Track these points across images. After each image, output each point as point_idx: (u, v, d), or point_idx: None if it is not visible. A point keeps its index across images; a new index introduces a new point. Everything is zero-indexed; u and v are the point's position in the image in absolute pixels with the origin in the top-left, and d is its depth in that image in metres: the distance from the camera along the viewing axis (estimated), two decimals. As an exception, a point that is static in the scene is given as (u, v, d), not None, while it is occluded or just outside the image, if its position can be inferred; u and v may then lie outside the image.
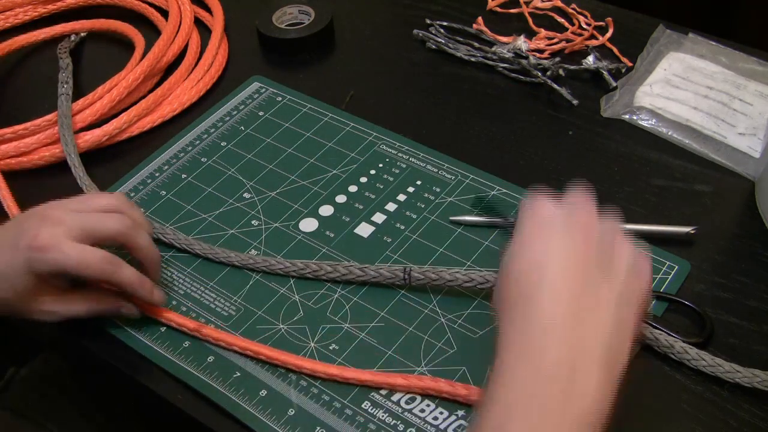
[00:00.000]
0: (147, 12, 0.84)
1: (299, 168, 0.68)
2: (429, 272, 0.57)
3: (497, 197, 0.62)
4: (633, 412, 0.51)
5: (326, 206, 0.65)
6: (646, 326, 0.53)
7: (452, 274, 0.56)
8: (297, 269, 0.59)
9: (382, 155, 0.68)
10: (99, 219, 0.56)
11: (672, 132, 0.68)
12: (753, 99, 0.70)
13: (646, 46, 0.76)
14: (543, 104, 0.73)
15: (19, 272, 0.53)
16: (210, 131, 0.72)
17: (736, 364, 0.51)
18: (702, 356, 0.51)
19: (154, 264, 0.58)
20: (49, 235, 0.53)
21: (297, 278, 0.59)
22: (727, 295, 0.57)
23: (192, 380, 0.54)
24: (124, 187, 0.68)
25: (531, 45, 0.77)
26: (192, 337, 0.56)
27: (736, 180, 0.65)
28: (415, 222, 0.63)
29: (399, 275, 0.57)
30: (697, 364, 0.52)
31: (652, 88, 0.71)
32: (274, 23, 0.81)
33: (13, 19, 0.85)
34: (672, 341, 0.52)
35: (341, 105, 0.74)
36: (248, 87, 0.76)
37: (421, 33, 0.80)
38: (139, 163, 0.70)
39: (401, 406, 0.52)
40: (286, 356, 0.54)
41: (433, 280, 0.57)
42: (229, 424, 0.52)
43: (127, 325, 0.58)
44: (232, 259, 0.60)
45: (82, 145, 0.70)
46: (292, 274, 0.59)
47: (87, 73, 0.81)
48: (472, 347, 0.55)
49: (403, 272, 0.57)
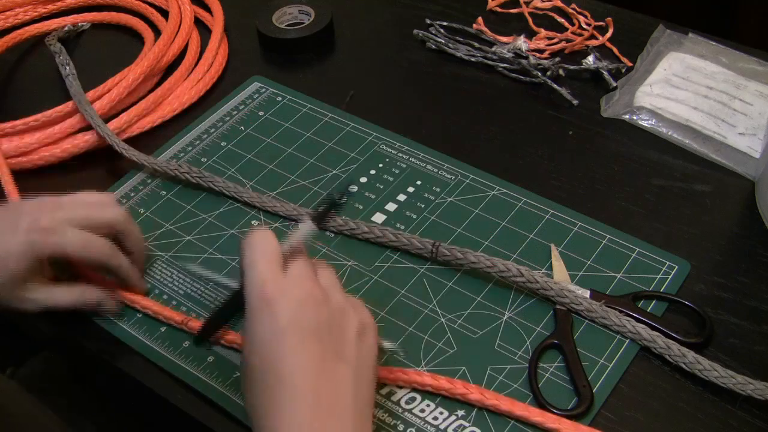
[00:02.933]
0: (147, 12, 0.84)
1: (299, 168, 0.68)
2: (455, 250, 0.57)
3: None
4: (633, 412, 0.51)
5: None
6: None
7: (477, 257, 0.57)
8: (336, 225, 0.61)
9: (382, 155, 0.68)
10: (97, 207, 0.57)
11: (672, 132, 0.68)
12: (753, 99, 0.70)
13: (646, 46, 0.76)
14: (543, 104, 0.73)
15: (17, 255, 0.53)
16: (210, 131, 0.72)
17: (732, 371, 0.51)
18: (698, 360, 0.51)
19: (143, 253, 0.60)
20: (51, 219, 0.54)
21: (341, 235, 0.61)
22: (727, 295, 0.57)
23: (192, 380, 0.54)
24: (124, 187, 0.68)
25: (531, 45, 0.77)
26: (190, 335, 0.56)
27: (736, 180, 0.65)
28: (415, 222, 0.63)
29: (428, 247, 0.58)
30: (693, 367, 0.51)
31: (652, 88, 0.71)
32: (274, 23, 0.81)
33: (13, 19, 0.85)
34: (669, 343, 0.52)
35: (341, 105, 0.74)
36: (248, 87, 0.76)
37: (421, 33, 0.80)
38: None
39: (401, 406, 0.52)
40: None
41: (458, 259, 0.57)
42: (229, 424, 0.52)
43: (127, 325, 0.58)
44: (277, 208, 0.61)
45: (82, 146, 0.70)
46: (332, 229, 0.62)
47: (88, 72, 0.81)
48: (472, 347, 0.55)
49: (432, 245, 0.58)
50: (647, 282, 0.57)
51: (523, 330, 0.55)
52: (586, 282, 0.57)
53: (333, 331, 0.45)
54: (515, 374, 0.53)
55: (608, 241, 0.60)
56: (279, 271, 0.46)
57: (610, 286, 0.57)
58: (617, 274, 0.58)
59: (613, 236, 0.60)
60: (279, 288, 0.45)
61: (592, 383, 0.52)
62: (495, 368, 0.53)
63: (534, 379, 0.52)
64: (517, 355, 0.54)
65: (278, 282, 0.45)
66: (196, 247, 0.63)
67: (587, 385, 0.51)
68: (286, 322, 0.44)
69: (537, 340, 0.54)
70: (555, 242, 0.60)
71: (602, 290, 0.57)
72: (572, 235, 0.61)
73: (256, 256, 0.46)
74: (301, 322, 0.44)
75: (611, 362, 0.53)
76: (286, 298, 0.44)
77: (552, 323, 0.55)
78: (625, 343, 0.54)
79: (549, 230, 0.61)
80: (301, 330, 0.44)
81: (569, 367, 0.52)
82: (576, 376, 0.52)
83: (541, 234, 0.61)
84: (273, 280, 0.45)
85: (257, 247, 0.46)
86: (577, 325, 0.55)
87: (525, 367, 0.53)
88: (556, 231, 0.61)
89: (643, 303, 0.56)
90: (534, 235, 0.61)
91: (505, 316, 0.56)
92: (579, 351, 0.53)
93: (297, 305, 0.44)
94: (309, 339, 0.44)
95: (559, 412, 0.50)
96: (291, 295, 0.45)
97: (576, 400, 0.51)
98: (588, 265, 0.59)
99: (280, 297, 0.44)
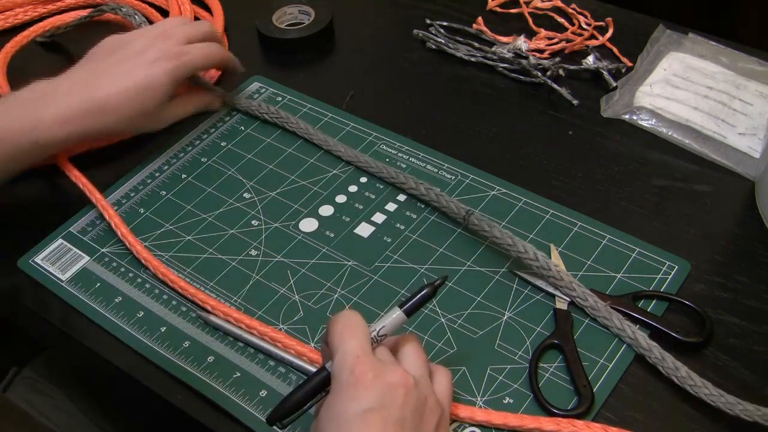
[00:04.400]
0: (147, 12, 0.84)
1: (299, 168, 0.68)
2: (484, 222, 0.59)
3: None
4: (633, 412, 0.51)
5: (326, 206, 0.65)
6: None
7: (501, 233, 0.58)
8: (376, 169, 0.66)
9: (382, 155, 0.68)
10: (190, 24, 0.70)
11: (672, 132, 0.68)
12: (753, 99, 0.70)
13: (646, 46, 0.76)
14: (543, 104, 0.73)
15: (165, 82, 0.65)
16: (210, 131, 0.72)
17: (723, 391, 0.50)
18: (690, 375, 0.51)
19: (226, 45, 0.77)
20: (175, 43, 0.66)
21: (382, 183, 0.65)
22: (727, 295, 0.57)
23: (192, 380, 0.54)
24: (124, 187, 0.68)
25: (531, 45, 0.77)
26: (192, 337, 0.56)
27: (736, 180, 0.65)
28: (415, 222, 0.63)
29: (462, 213, 0.60)
30: (684, 382, 0.51)
31: (652, 88, 0.71)
32: (274, 23, 0.81)
33: (12, 19, 0.85)
34: (665, 355, 0.52)
35: (341, 105, 0.74)
36: (248, 87, 0.76)
37: (421, 33, 0.80)
38: (139, 163, 0.70)
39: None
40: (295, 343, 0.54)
41: (484, 231, 0.59)
42: (229, 424, 0.52)
43: (127, 324, 0.58)
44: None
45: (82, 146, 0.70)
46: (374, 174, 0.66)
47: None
48: (473, 347, 0.55)
49: (466, 213, 0.60)
50: (647, 282, 0.57)
51: (523, 330, 0.55)
52: (586, 282, 0.57)
53: (415, 424, 0.43)
54: (515, 374, 0.53)
55: (608, 241, 0.60)
56: (370, 350, 0.45)
57: (610, 286, 0.57)
58: (617, 274, 0.58)
59: (613, 236, 0.60)
60: (371, 368, 0.44)
61: (592, 383, 0.52)
62: (495, 368, 0.53)
63: (534, 379, 0.52)
64: (517, 355, 0.54)
65: (371, 361, 0.44)
66: (196, 247, 0.63)
67: (587, 384, 0.51)
68: (373, 405, 0.42)
69: (537, 340, 0.54)
70: (555, 242, 0.60)
71: (602, 290, 0.57)
72: (572, 235, 0.61)
73: (347, 334, 0.45)
74: (389, 409, 0.43)
75: (611, 362, 0.53)
76: (378, 381, 0.43)
77: (552, 323, 0.55)
78: (625, 344, 0.54)
79: (549, 230, 0.61)
80: (384, 418, 0.42)
81: (569, 367, 0.52)
82: (576, 376, 0.52)
83: (541, 234, 0.61)
84: (365, 358, 0.44)
85: (348, 324, 0.45)
86: (577, 325, 0.55)
87: (525, 367, 0.53)
88: (556, 231, 0.61)
89: (643, 303, 0.56)
90: (534, 235, 0.61)
91: (505, 316, 0.56)
92: (579, 351, 0.53)
93: (387, 390, 0.43)
94: (391, 429, 0.42)
95: (560, 412, 0.50)
96: (382, 379, 0.43)
97: (576, 399, 0.51)
98: (588, 265, 0.59)
99: (372, 378, 0.43)
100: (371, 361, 0.44)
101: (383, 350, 0.47)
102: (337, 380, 0.44)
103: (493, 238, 0.59)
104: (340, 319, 0.46)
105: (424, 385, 0.45)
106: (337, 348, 0.45)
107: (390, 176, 0.65)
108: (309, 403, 0.47)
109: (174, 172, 0.69)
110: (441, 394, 0.47)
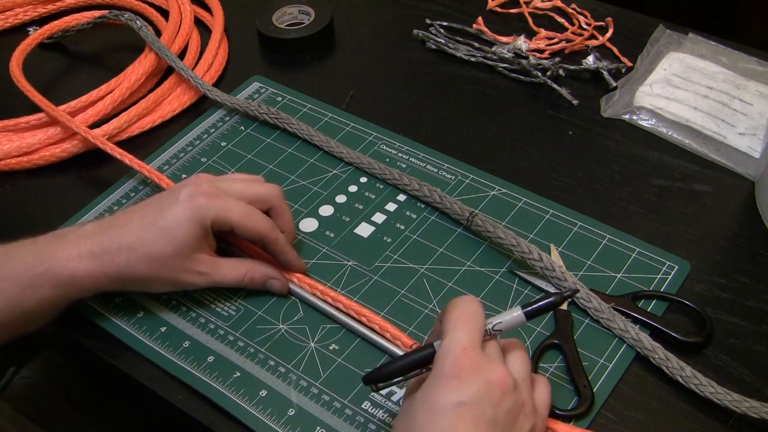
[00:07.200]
0: (147, 12, 0.84)
1: (299, 168, 0.68)
2: (488, 223, 0.59)
3: None
4: (633, 412, 0.51)
5: (326, 206, 0.65)
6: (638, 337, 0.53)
7: (505, 233, 0.58)
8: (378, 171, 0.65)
9: (382, 155, 0.68)
10: (252, 182, 0.59)
11: (672, 132, 0.68)
12: (753, 99, 0.70)
13: (646, 46, 0.76)
14: (543, 104, 0.73)
15: (184, 223, 0.53)
16: (210, 131, 0.72)
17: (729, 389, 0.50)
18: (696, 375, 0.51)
19: (293, 233, 0.60)
20: (211, 186, 0.55)
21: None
22: (727, 295, 0.57)
23: (192, 380, 0.54)
24: (124, 186, 0.68)
25: (531, 45, 0.77)
26: (192, 338, 0.56)
27: (736, 180, 0.65)
28: (415, 222, 0.63)
29: (465, 215, 0.60)
30: (689, 381, 0.51)
31: (652, 88, 0.71)
32: (274, 23, 0.81)
33: (12, 19, 0.85)
34: (668, 355, 0.52)
35: (341, 105, 0.74)
36: (248, 87, 0.76)
37: (421, 33, 0.80)
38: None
39: (401, 406, 0.52)
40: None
41: (488, 231, 0.59)
42: (229, 424, 0.52)
43: (127, 324, 0.58)
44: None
45: (81, 146, 0.70)
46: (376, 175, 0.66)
47: (88, 72, 0.81)
48: (472, 347, 0.55)
49: (469, 214, 0.60)
50: (647, 282, 0.57)
51: (523, 330, 0.55)
52: (586, 282, 0.57)
53: (507, 426, 0.43)
54: (515, 374, 0.53)
55: (608, 241, 0.60)
56: (479, 343, 0.44)
57: (610, 286, 0.57)
58: (617, 274, 0.58)
59: (613, 236, 0.60)
60: (475, 362, 0.43)
61: (593, 383, 0.52)
62: (495, 368, 0.53)
63: (534, 379, 0.52)
64: (518, 355, 0.54)
65: (476, 355, 0.44)
66: (196, 247, 0.62)
67: (588, 385, 0.51)
68: (468, 399, 0.42)
69: (537, 340, 0.54)
70: (555, 242, 0.60)
71: (602, 290, 0.57)
72: (572, 235, 0.61)
73: (462, 322, 0.45)
74: (483, 406, 0.42)
75: (611, 362, 0.53)
76: (478, 376, 0.43)
77: (552, 323, 0.55)
78: (626, 344, 0.54)
79: (549, 230, 0.61)
80: (477, 415, 0.42)
81: (569, 367, 0.52)
82: (576, 376, 0.52)
83: (541, 234, 0.61)
84: (472, 351, 0.44)
85: (465, 312, 0.45)
86: (577, 325, 0.55)
87: (525, 367, 0.53)
88: (556, 231, 0.61)
89: (643, 303, 0.56)
90: (534, 235, 0.61)
91: (505, 316, 0.56)
92: (579, 351, 0.53)
93: (485, 387, 0.43)
94: (482, 427, 0.42)
95: (560, 412, 0.50)
96: (483, 375, 0.43)
97: (576, 399, 0.51)
98: (588, 265, 0.59)
99: (473, 372, 0.43)
100: (476, 355, 0.44)
101: (493, 344, 0.46)
102: (439, 366, 0.44)
103: (496, 239, 0.59)
104: (460, 304, 0.46)
105: (524, 390, 0.45)
106: (448, 333, 0.44)
107: (392, 178, 0.65)
108: (407, 375, 0.47)
109: (174, 172, 0.69)
110: (539, 402, 0.47)
